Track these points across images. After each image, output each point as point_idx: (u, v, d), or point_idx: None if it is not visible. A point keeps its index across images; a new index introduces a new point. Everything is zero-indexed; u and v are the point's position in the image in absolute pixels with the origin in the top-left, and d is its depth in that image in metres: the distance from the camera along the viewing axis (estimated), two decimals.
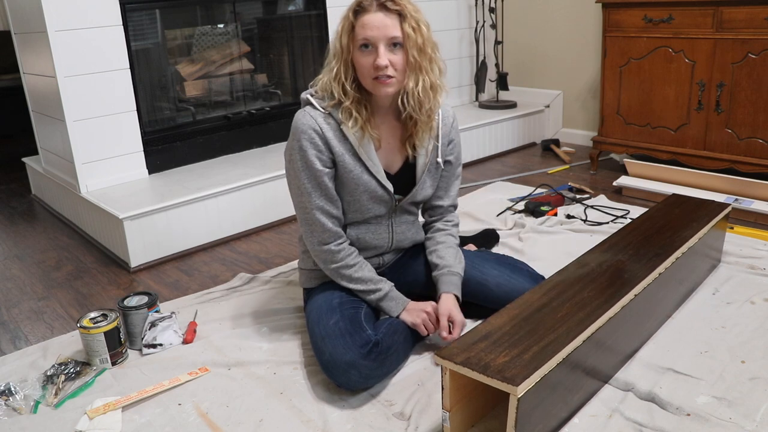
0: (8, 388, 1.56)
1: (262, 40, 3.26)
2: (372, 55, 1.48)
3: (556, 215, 2.58)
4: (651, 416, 1.37)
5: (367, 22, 1.47)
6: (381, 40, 1.46)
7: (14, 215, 3.06)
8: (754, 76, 2.54)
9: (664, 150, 2.89)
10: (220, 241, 2.56)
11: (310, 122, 1.54)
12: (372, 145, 1.58)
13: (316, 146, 1.54)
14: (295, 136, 1.55)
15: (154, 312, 1.78)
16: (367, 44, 1.47)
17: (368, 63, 1.48)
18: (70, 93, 2.49)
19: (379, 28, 1.46)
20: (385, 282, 1.66)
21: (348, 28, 1.50)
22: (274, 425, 1.42)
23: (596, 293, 1.47)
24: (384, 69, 1.47)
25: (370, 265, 1.67)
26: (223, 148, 3.01)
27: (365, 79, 1.51)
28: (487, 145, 3.56)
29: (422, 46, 1.50)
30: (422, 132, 1.62)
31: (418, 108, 1.55)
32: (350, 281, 1.63)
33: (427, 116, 1.59)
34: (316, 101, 1.57)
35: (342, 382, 1.47)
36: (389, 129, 1.64)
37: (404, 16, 1.48)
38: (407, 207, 1.73)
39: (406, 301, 1.66)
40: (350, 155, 1.57)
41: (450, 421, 1.29)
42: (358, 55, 1.49)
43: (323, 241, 1.61)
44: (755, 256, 2.10)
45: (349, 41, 1.50)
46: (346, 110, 1.54)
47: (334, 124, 1.55)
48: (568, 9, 3.63)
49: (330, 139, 1.54)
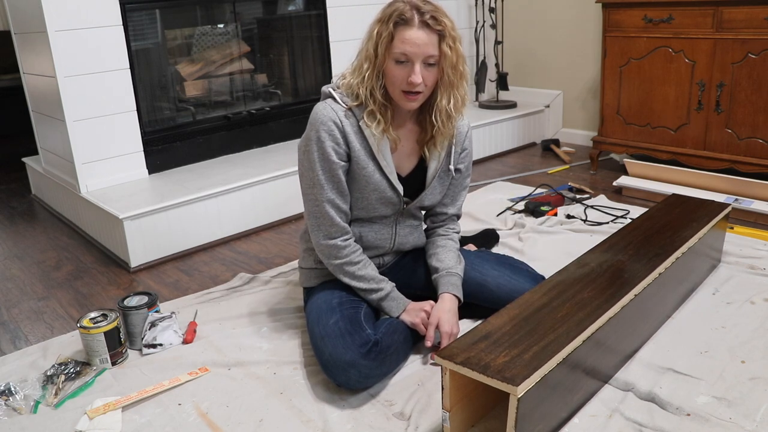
0: (8, 388, 1.56)
1: (262, 40, 3.26)
2: (407, 70, 1.48)
3: (556, 215, 2.58)
4: (651, 416, 1.37)
5: (408, 38, 1.46)
6: (419, 57, 1.47)
7: (14, 215, 3.06)
8: (754, 76, 2.54)
9: (664, 150, 2.89)
10: (220, 241, 2.56)
11: (331, 114, 1.54)
12: (389, 146, 1.59)
13: (335, 138, 1.53)
14: (314, 127, 1.55)
15: (154, 312, 1.78)
16: (404, 60, 1.48)
17: (402, 76, 1.48)
18: (70, 93, 2.49)
19: (420, 45, 1.46)
20: (387, 282, 1.67)
21: (387, 38, 1.48)
22: (274, 425, 1.42)
23: (596, 293, 1.47)
24: (417, 86, 1.48)
25: (373, 264, 1.68)
26: (223, 148, 3.02)
27: (394, 90, 1.52)
28: (487, 145, 3.56)
29: (456, 63, 1.52)
30: (443, 138, 1.63)
31: (447, 122, 1.58)
32: (353, 278, 1.63)
33: (451, 131, 1.62)
34: (338, 96, 1.57)
35: (342, 381, 1.47)
36: (406, 132, 1.65)
37: (443, 36, 1.48)
38: (414, 211, 1.73)
39: (407, 302, 1.66)
40: (366, 153, 1.57)
41: (450, 421, 1.29)
42: (391, 66, 1.49)
43: (330, 235, 1.60)
44: (755, 256, 2.10)
45: (385, 51, 1.49)
46: (371, 113, 1.54)
47: (354, 120, 1.55)
48: (568, 9, 3.63)
49: (349, 134, 1.55)
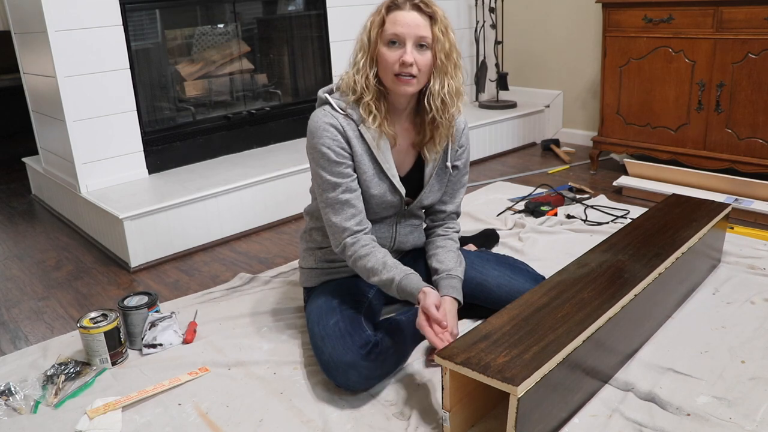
0: (8, 388, 1.56)
1: (262, 40, 3.26)
2: (399, 51, 1.48)
3: (556, 215, 2.58)
4: (651, 416, 1.37)
5: (400, 19, 1.48)
6: (410, 38, 1.48)
7: (14, 215, 3.06)
8: (754, 76, 2.54)
9: (664, 150, 2.89)
10: (220, 241, 2.56)
11: (331, 120, 1.54)
12: (388, 145, 1.58)
13: (338, 141, 1.53)
14: (316, 134, 1.54)
15: (154, 312, 1.78)
16: (396, 40, 1.48)
17: (393, 58, 1.48)
18: (70, 93, 2.49)
19: (411, 26, 1.47)
20: (397, 269, 1.53)
21: (378, 23, 1.50)
22: (274, 425, 1.42)
23: (596, 293, 1.47)
24: (409, 67, 1.48)
25: (384, 251, 1.57)
26: (223, 148, 3.01)
27: (387, 74, 1.51)
28: (487, 145, 3.56)
29: (449, 51, 1.52)
30: (442, 136, 1.61)
31: (443, 111, 1.56)
32: (367, 273, 1.54)
33: (449, 121, 1.60)
34: (334, 101, 1.57)
35: (341, 382, 1.47)
36: (402, 131, 1.64)
37: (435, 20, 1.50)
38: (415, 211, 1.73)
39: (419, 289, 1.50)
40: (368, 157, 1.57)
41: (450, 421, 1.29)
42: (384, 50, 1.50)
43: (339, 241, 1.56)
44: (755, 256, 2.10)
45: (377, 35, 1.50)
46: (366, 106, 1.53)
47: (353, 125, 1.55)
48: (568, 9, 3.63)
49: (351, 138, 1.54)
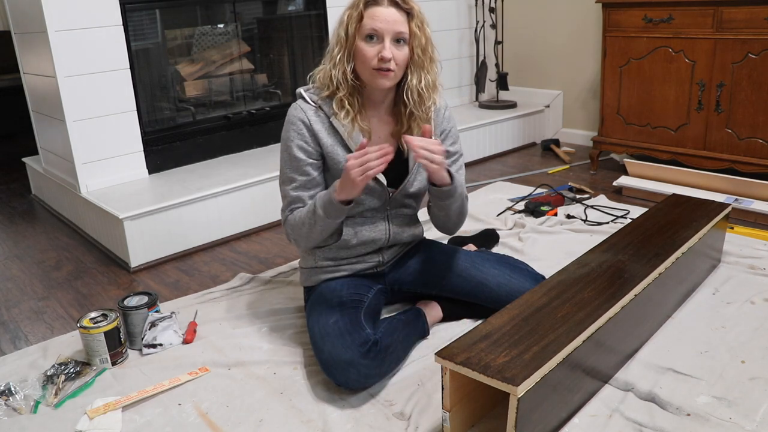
0: (8, 388, 1.56)
1: (262, 40, 3.26)
2: (377, 46, 1.51)
3: (556, 215, 2.58)
4: (651, 416, 1.37)
5: (378, 15, 1.51)
6: (389, 33, 1.51)
7: (14, 215, 3.06)
8: (754, 76, 2.54)
9: (664, 150, 2.89)
10: (220, 241, 2.56)
11: (300, 114, 1.59)
12: (361, 136, 1.60)
13: (303, 137, 1.58)
14: (285, 127, 1.62)
15: (154, 312, 1.78)
16: (374, 35, 1.51)
17: (372, 53, 1.51)
18: (70, 93, 2.49)
19: (389, 21, 1.50)
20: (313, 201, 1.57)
21: (356, 18, 1.53)
22: (274, 425, 1.42)
23: (596, 293, 1.47)
24: (387, 62, 1.50)
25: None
26: (223, 148, 3.01)
27: (365, 69, 1.53)
28: (487, 145, 3.56)
29: (425, 45, 1.56)
30: (419, 128, 1.62)
31: (420, 104, 1.59)
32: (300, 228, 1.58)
33: (426, 114, 1.62)
34: (307, 95, 1.62)
35: (341, 381, 1.47)
36: (379, 123, 1.66)
37: (412, 15, 1.54)
38: (402, 200, 1.72)
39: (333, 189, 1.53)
40: (341, 147, 1.60)
41: (450, 421, 1.29)
42: (362, 45, 1.52)
43: (283, 218, 1.65)
44: (755, 256, 2.10)
45: (355, 30, 1.53)
46: (339, 101, 1.57)
47: (323, 116, 1.59)
48: (568, 9, 3.63)
49: (318, 131, 1.58)
